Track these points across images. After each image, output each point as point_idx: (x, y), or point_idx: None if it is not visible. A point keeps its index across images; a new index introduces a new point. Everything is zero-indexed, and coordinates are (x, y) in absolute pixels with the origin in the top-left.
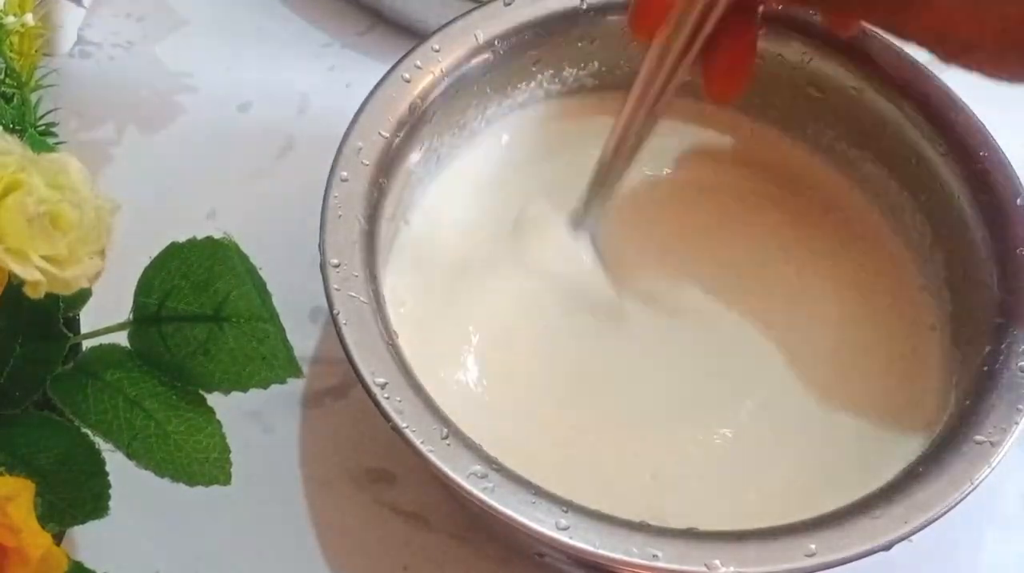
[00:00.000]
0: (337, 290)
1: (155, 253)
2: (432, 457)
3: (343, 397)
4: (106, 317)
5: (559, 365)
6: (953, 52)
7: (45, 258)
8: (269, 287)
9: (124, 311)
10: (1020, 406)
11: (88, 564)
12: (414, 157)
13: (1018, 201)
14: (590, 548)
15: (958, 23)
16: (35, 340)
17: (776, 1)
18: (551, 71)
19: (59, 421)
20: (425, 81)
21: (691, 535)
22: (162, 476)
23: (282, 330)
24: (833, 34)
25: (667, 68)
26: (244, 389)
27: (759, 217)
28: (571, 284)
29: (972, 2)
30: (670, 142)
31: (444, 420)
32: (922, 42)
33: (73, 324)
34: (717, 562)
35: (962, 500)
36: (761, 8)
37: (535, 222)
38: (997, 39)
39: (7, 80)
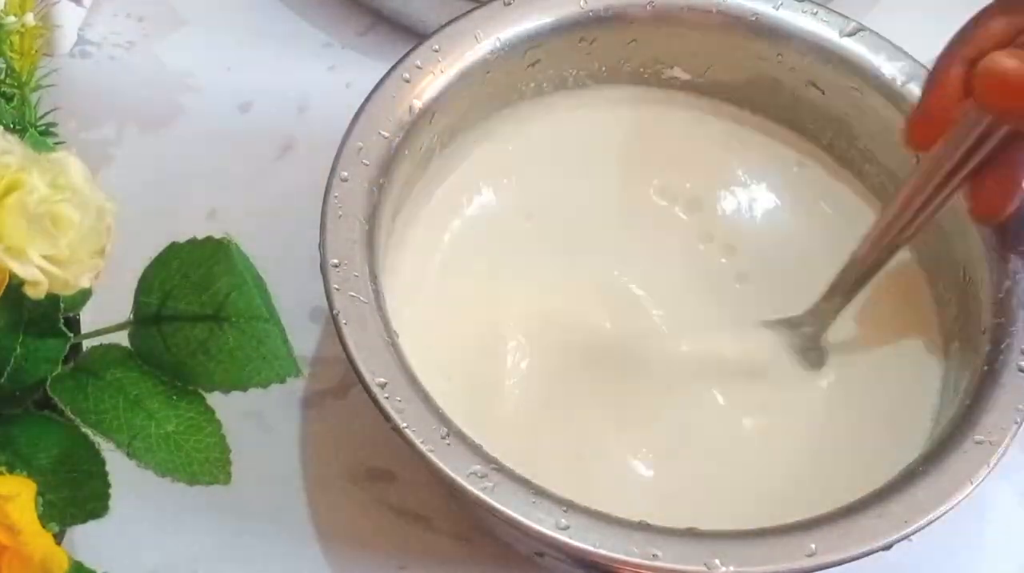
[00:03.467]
0: (337, 290)
1: (155, 253)
2: (432, 457)
3: (343, 397)
4: (106, 317)
5: (560, 364)
6: None
7: (46, 258)
8: (269, 287)
9: (124, 311)
10: (1020, 406)
11: (88, 564)
12: (414, 157)
13: None
14: (590, 548)
15: None
16: (35, 339)
17: None
18: (551, 71)
19: (59, 421)
20: (425, 81)
21: (691, 534)
22: (162, 476)
23: (282, 330)
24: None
25: (935, 183)
26: (244, 389)
27: (765, 220)
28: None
29: None
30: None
31: (444, 420)
32: None
33: (73, 324)
34: (717, 561)
35: (962, 500)
36: None
37: None
38: None
39: (8, 80)
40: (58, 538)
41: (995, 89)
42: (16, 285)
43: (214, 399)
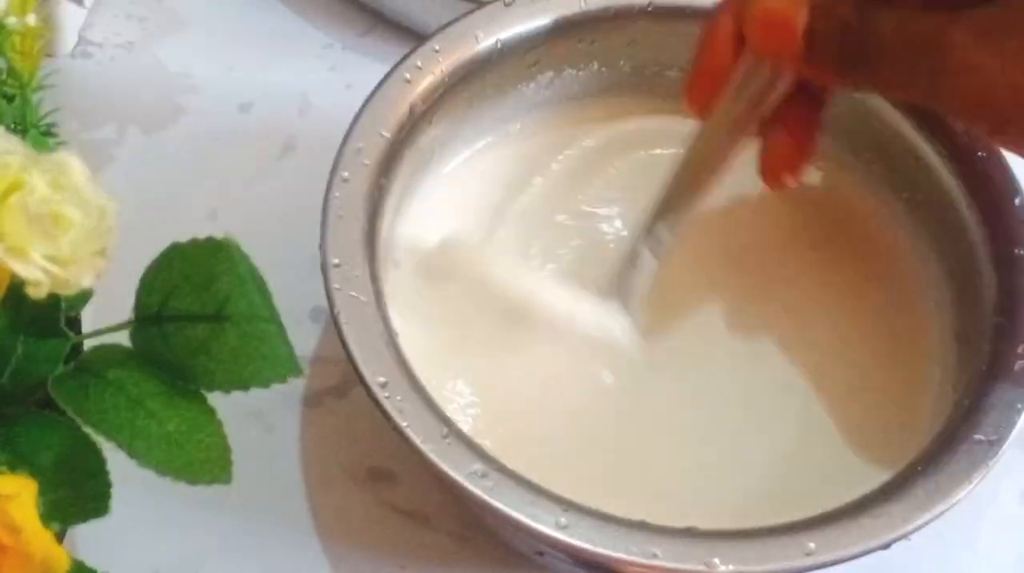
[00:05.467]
0: (338, 289)
1: (156, 253)
2: (432, 456)
3: (344, 396)
4: (108, 317)
5: (558, 363)
6: (995, 127)
7: (47, 258)
8: (270, 287)
9: (125, 311)
10: (1019, 406)
11: (89, 563)
12: (415, 157)
13: (1017, 201)
14: (590, 547)
15: (998, 91)
16: (37, 339)
17: (838, 87)
18: (551, 72)
19: (60, 420)
20: (426, 82)
21: (690, 534)
22: (163, 475)
23: (283, 329)
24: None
25: (720, 146)
26: (245, 388)
27: (763, 219)
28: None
29: (1015, 66)
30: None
31: (444, 419)
32: (963, 114)
33: (75, 324)
34: (716, 561)
35: (961, 499)
36: (828, 95)
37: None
38: None
39: (9, 80)
40: (59, 537)
41: (762, 28)
42: (17, 285)
43: (215, 399)
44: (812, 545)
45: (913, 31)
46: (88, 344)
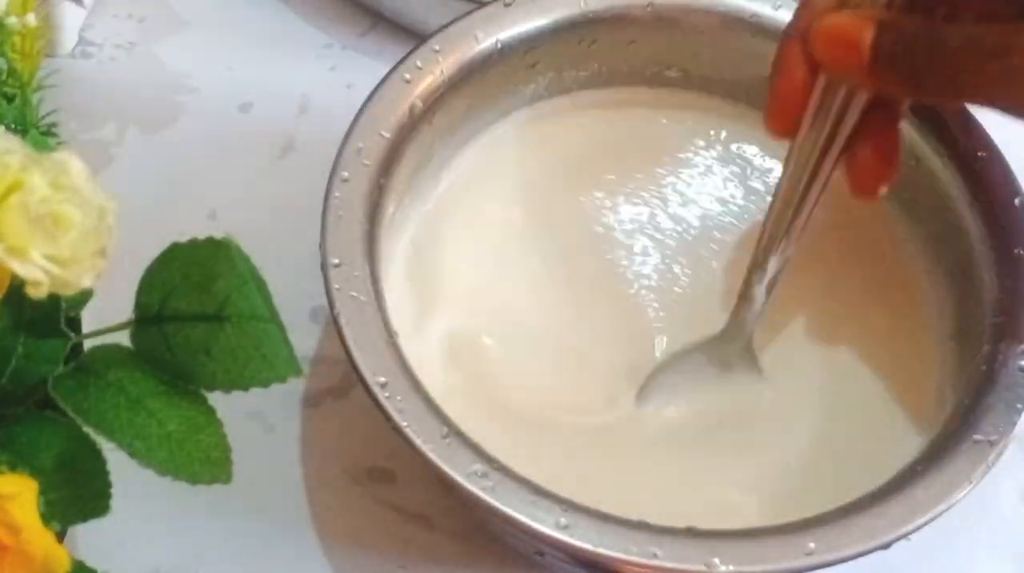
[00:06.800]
0: (338, 290)
1: (156, 253)
2: (432, 456)
3: (344, 396)
4: (108, 317)
5: (559, 363)
6: None
7: (47, 258)
8: (270, 287)
9: (126, 311)
10: (1018, 405)
11: (89, 563)
12: (415, 157)
13: (1017, 201)
14: (590, 547)
15: None
16: (37, 339)
17: (908, 98)
18: (551, 72)
19: (61, 420)
20: (426, 82)
21: (690, 534)
22: (163, 475)
23: (283, 329)
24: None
25: (810, 167)
26: (245, 388)
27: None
28: None
29: None
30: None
31: (444, 419)
32: None
33: (75, 324)
34: (716, 560)
35: (961, 499)
36: (903, 107)
37: None
38: None
39: (9, 80)
40: (59, 537)
41: (829, 45)
42: (17, 285)
43: (215, 399)
44: (812, 545)
45: (982, 39)
46: (88, 344)
